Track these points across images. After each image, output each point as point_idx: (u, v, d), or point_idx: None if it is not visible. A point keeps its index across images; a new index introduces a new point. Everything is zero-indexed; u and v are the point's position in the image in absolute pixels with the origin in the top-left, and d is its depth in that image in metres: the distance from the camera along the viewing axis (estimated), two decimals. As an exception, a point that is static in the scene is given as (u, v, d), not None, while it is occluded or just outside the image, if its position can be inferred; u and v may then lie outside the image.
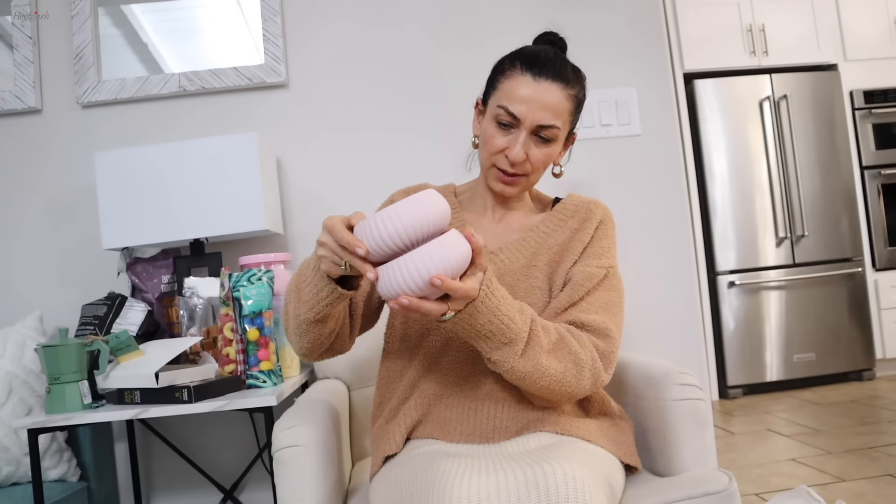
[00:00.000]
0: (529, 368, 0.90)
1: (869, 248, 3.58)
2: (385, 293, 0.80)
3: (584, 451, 0.91)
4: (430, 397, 1.05)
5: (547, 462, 0.80)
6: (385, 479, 0.96)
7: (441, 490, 0.78)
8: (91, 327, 1.52)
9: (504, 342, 0.88)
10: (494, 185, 1.09)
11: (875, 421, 2.72)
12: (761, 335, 3.43)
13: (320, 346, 0.99)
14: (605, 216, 1.10)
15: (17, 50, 1.79)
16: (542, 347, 0.91)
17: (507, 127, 1.04)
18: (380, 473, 1.01)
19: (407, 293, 0.79)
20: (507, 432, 1.00)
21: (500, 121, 1.04)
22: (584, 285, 1.02)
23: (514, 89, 1.03)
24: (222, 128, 1.82)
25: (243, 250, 1.79)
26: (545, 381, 0.92)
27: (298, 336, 0.98)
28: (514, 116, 1.02)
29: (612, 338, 0.99)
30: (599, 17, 1.87)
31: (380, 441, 1.08)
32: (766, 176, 3.49)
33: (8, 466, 1.47)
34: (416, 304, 0.79)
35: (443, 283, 0.78)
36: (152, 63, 1.85)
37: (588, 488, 0.77)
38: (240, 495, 1.78)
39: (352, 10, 1.86)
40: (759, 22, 3.55)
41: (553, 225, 1.11)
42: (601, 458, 0.94)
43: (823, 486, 2.05)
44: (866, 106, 3.58)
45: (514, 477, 0.78)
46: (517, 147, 1.03)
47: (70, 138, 1.82)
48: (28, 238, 1.80)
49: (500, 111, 1.04)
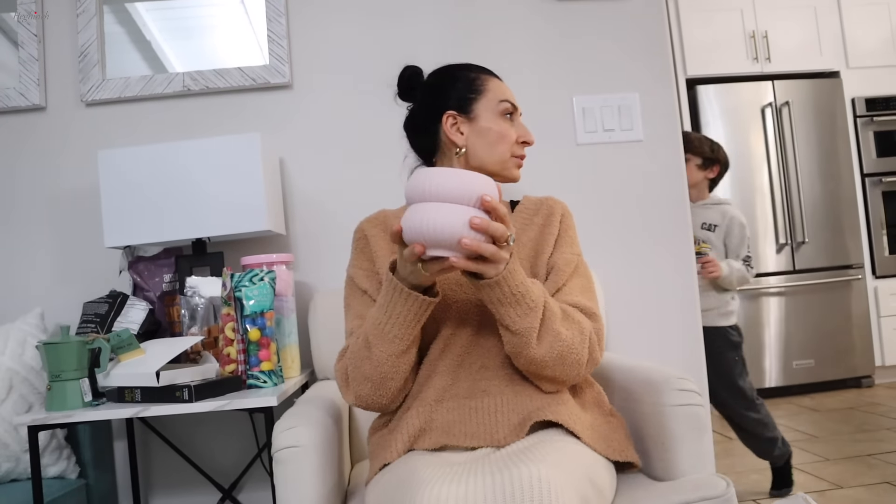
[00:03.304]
0: (550, 336, 0.99)
1: (869, 256, 3.58)
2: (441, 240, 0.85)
3: (564, 452, 0.91)
4: (431, 404, 1.06)
5: (516, 465, 0.83)
6: (377, 484, 0.99)
7: (412, 497, 0.81)
8: (92, 325, 1.52)
9: (531, 307, 0.97)
10: (516, 173, 1.20)
11: (874, 428, 2.72)
12: (761, 341, 3.43)
13: (403, 380, 1.05)
14: (565, 210, 1.22)
15: (23, 47, 1.80)
16: (556, 315, 1.00)
17: (510, 117, 1.18)
18: (374, 480, 1.03)
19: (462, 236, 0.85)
20: (510, 425, 1.01)
21: (507, 113, 1.17)
22: (565, 270, 1.12)
23: (498, 86, 1.19)
24: (226, 128, 1.83)
25: (245, 250, 1.79)
26: (559, 348, 0.99)
27: (382, 382, 1.03)
28: (514, 105, 1.18)
29: (599, 318, 1.09)
30: (603, 23, 1.87)
31: (379, 449, 1.09)
32: (768, 182, 3.50)
33: (7, 463, 1.47)
34: (475, 245, 0.86)
35: (492, 201, 0.87)
36: (156, 62, 1.85)
37: (555, 489, 0.78)
38: (238, 495, 1.78)
39: (356, 12, 1.86)
40: (762, 29, 3.55)
41: (520, 224, 1.20)
42: (585, 458, 0.95)
43: (821, 492, 2.05)
44: (868, 113, 3.59)
45: (482, 482, 0.81)
46: (526, 129, 1.20)
47: (73, 136, 1.82)
48: (30, 235, 1.81)
49: (506, 104, 1.17)
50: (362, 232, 1.21)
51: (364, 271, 1.17)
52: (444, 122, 1.16)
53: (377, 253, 1.17)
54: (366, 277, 1.16)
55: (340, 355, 1.11)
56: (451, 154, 1.18)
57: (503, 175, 1.18)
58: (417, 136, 1.23)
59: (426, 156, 1.25)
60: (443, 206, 0.85)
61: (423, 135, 1.21)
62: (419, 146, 1.25)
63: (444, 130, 1.17)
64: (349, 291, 1.18)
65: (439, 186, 0.86)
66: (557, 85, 1.87)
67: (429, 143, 1.21)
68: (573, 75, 1.86)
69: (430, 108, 1.19)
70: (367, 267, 1.17)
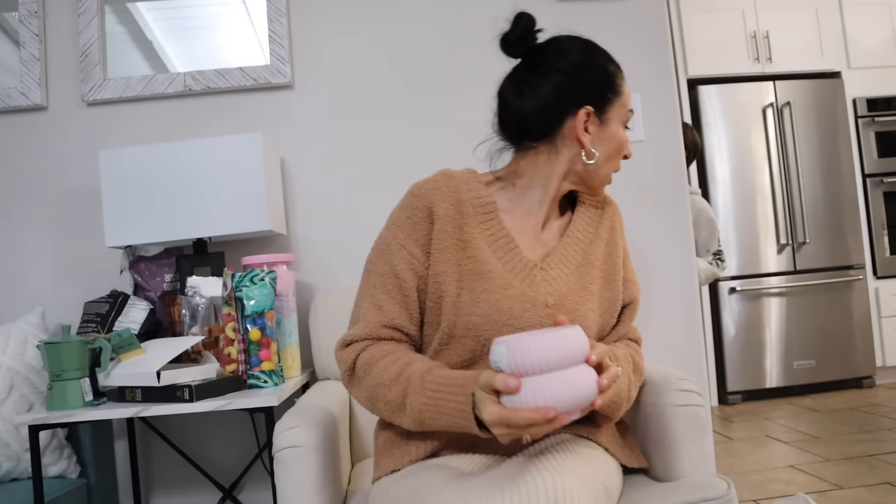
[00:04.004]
0: (628, 404, 1.01)
1: (870, 256, 3.58)
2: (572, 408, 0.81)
3: (583, 458, 0.90)
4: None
5: (539, 473, 0.79)
6: (385, 490, 0.95)
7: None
8: (93, 325, 1.52)
9: (623, 402, 0.99)
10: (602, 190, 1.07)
11: (874, 429, 2.71)
12: (761, 341, 3.43)
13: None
14: (618, 212, 1.11)
15: (24, 47, 1.80)
16: (633, 383, 1.01)
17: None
18: (382, 483, 0.99)
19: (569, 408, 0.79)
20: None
21: (626, 124, 1.03)
22: (633, 304, 1.09)
23: (628, 89, 1.03)
24: (227, 128, 1.83)
25: (246, 250, 1.80)
26: (630, 404, 1.02)
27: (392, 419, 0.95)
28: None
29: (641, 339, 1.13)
30: (604, 23, 1.87)
31: (388, 451, 1.03)
32: (769, 182, 3.50)
33: (8, 462, 1.47)
34: (608, 401, 0.85)
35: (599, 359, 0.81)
36: (157, 61, 1.85)
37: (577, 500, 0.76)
38: (239, 495, 1.78)
39: (358, 12, 1.86)
40: (764, 29, 3.55)
41: (584, 226, 1.06)
42: (601, 463, 0.94)
43: (821, 493, 2.05)
44: (869, 114, 3.58)
45: (501, 495, 0.77)
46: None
47: (75, 136, 1.82)
48: (31, 234, 1.81)
49: (630, 114, 1.03)
50: (427, 205, 0.98)
51: (409, 254, 0.97)
52: (578, 117, 0.97)
53: (442, 239, 0.96)
54: (408, 262, 0.97)
55: (345, 343, 0.99)
56: (568, 153, 0.99)
57: (598, 191, 1.05)
58: (527, 116, 0.99)
59: (520, 137, 1.02)
60: (566, 379, 0.80)
61: (539, 117, 0.98)
62: (520, 127, 1.01)
63: (574, 125, 0.97)
64: (377, 267, 0.99)
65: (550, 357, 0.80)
66: (558, 85, 1.87)
67: (540, 129, 0.99)
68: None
69: (565, 92, 0.97)
70: (418, 250, 0.97)
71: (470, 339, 0.95)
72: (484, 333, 0.94)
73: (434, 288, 0.97)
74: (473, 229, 0.97)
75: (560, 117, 0.98)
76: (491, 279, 0.95)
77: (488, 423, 0.79)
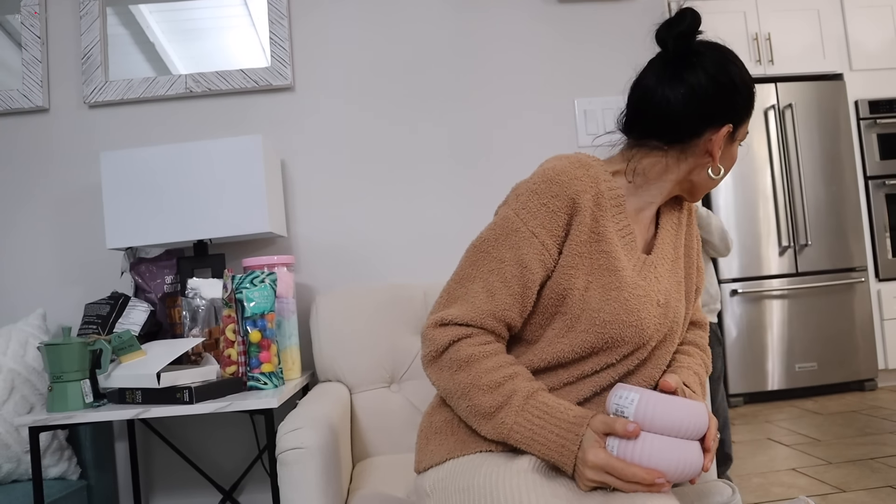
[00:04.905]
0: None
1: (872, 258, 3.57)
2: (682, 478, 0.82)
3: None
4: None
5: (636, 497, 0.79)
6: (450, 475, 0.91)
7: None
8: (94, 326, 1.53)
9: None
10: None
11: (876, 432, 2.71)
12: (763, 344, 3.42)
13: None
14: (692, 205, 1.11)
15: (26, 49, 1.81)
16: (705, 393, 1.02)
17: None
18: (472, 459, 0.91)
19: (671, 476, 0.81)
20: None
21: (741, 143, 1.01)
22: (701, 287, 1.09)
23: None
24: (227, 130, 1.83)
25: (246, 252, 1.80)
26: None
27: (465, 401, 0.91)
28: None
29: (706, 323, 1.12)
30: (604, 26, 1.87)
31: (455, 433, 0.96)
32: (770, 184, 3.49)
33: (8, 464, 1.47)
34: (667, 485, 0.81)
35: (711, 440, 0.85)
36: (159, 63, 1.86)
37: None
38: (239, 496, 1.78)
39: (358, 14, 1.87)
40: (766, 30, 3.55)
41: (671, 220, 1.05)
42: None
43: (823, 496, 2.04)
44: (871, 116, 3.58)
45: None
46: None
47: (76, 138, 1.82)
48: (33, 236, 1.81)
49: (747, 134, 1.01)
50: (570, 194, 0.93)
51: (541, 244, 0.92)
52: (721, 132, 0.94)
53: (581, 231, 0.92)
54: (539, 253, 0.92)
55: (441, 321, 0.92)
56: (693, 163, 0.97)
57: (699, 199, 1.05)
58: (672, 113, 0.94)
59: (650, 134, 0.98)
60: (682, 449, 0.81)
61: (684, 118, 0.94)
62: (659, 123, 0.96)
63: (712, 139, 0.95)
64: (498, 252, 0.93)
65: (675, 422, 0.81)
66: (559, 87, 1.87)
67: (679, 131, 0.95)
68: (574, 78, 1.86)
69: (715, 102, 0.93)
70: (550, 241, 0.92)
71: (592, 334, 0.91)
72: (609, 331, 0.91)
73: (560, 279, 0.93)
74: (608, 222, 0.95)
75: (704, 126, 0.95)
76: (622, 276, 0.93)
77: (590, 465, 0.80)
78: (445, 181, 1.85)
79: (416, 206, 1.84)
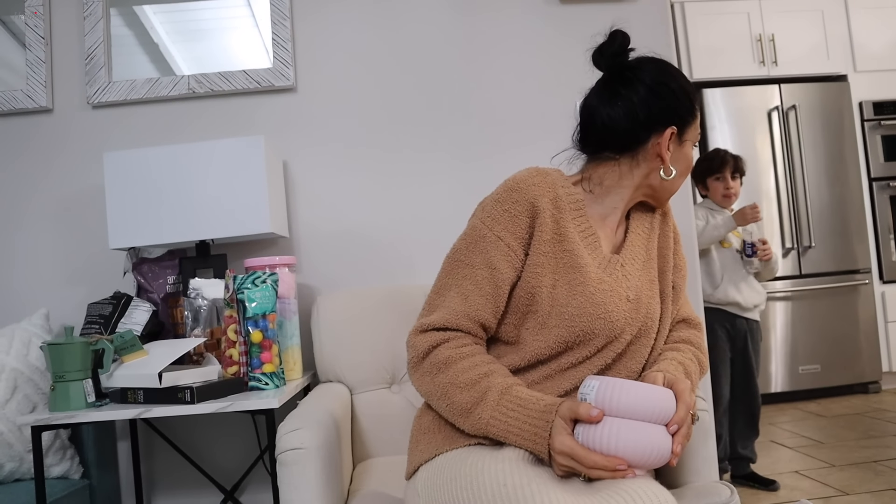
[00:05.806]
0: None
1: (876, 260, 3.56)
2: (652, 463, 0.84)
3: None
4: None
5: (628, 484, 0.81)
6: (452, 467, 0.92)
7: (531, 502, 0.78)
8: (96, 326, 1.53)
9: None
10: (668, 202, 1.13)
11: (880, 434, 2.69)
12: (767, 346, 3.41)
13: None
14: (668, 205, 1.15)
15: (30, 50, 1.81)
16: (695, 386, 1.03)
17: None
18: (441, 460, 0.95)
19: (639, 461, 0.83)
20: None
21: (694, 144, 1.08)
22: (684, 285, 1.12)
23: (698, 115, 1.09)
24: (230, 130, 1.84)
25: (248, 252, 1.80)
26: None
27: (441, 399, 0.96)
28: None
29: (700, 323, 1.14)
30: (608, 26, 1.87)
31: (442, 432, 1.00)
32: (774, 186, 3.48)
33: (11, 463, 1.48)
34: (628, 472, 0.83)
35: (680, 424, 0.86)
36: (163, 63, 1.86)
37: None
38: (240, 496, 1.78)
39: (360, 16, 1.87)
40: (769, 32, 3.54)
41: (641, 223, 1.11)
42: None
43: (826, 499, 2.03)
44: (875, 117, 3.56)
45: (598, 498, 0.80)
46: None
47: (79, 138, 1.83)
48: (36, 236, 1.81)
49: (699, 136, 1.09)
50: (529, 199, 1.00)
51: (507, 247, 0.99)
52: (665, 135, 1.02)
53: (544, 232, 0.99)
54: (506, 254, 0.99)
55: (422, 328, 0.99)
56: (645, 168, 1.04)
57: (664, 204, 1.11)
58: (617, 128, 1.03)
59: (602, 148, 1.06)
60: (644, 432, 0.83)
61: (628, 130, 1.02)
62: (606, 138, 1.05)
63: (659, 143, 1.02)
64: (469, 258, 1.00)
65: (636, 405, 0.83)
66: (560, 87, 1.87)
67: (626, 142, 1.03)
68: (576, 78, 1.86)
69: (654, 110, 1.01)
70: (515, 243, 0.99)
71: (563, 328, 0.97)
72: (579, 324, 0.96)
73: (529, 279, 0.99)
74: (568, 223, 1.01)
75: (647, 133, 1.03)
76: (586, 273, 0.98)
77: (556, 451, 0.84)
78: (448, 182, 1.84)
79: (419, 207, 1.84)
